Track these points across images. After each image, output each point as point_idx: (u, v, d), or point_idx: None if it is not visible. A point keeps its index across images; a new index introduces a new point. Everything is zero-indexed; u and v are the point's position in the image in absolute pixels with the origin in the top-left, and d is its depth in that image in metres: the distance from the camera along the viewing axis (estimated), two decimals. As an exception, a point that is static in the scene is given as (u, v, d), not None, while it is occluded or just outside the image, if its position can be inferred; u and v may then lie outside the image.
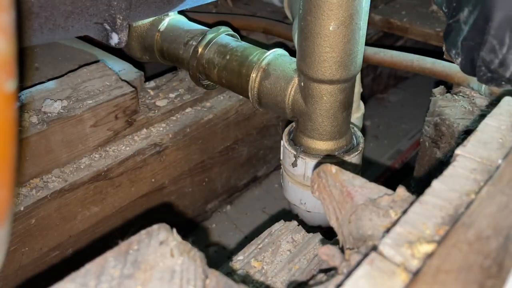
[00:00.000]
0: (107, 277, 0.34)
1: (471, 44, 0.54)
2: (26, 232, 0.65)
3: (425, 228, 0.35)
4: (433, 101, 0.80)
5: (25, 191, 0.65)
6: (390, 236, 0.34)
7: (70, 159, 0.71)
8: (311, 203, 0.74)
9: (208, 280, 0.36)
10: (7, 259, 0.64)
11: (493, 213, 0.34)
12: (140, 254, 0.36)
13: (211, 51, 0.76)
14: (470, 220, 0.34)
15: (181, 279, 0.35)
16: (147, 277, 0.35)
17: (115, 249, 0.36)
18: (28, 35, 0.49)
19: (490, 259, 0.31)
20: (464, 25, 0.54)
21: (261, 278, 0.47)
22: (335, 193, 0.46)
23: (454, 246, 0.32)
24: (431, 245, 0.32)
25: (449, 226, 0.34)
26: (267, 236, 0.53)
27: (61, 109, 0.69)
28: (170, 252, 0.37)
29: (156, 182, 0.83)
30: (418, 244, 0.33)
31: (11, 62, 0.33)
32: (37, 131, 0.65)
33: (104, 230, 0.78)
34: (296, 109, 0.70)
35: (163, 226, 0.39)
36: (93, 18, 0.54)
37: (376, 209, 0.40)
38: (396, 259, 0.32)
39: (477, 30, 0.53)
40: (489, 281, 0.29)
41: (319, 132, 0.70)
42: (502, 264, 0.30)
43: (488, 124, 0.46)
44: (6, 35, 0.32)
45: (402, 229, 0.34)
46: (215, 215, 1.02)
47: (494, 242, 0.32)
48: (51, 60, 0.80)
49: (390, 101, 1.46)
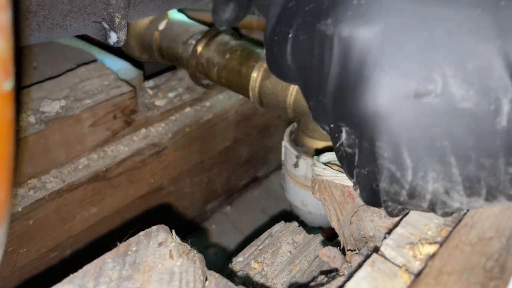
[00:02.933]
0: (105, 278, 0.34)
1: (364, 172, 0.37)
2: (24, 233, 0.65)
3: (427, 229, 0.34)
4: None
5: (23, 191, 0.65)
6: (391, 237, 0.34)
7: (68, 159, 0.71)
8: (313, 204, 0.74)
9: (208, 281, 0.35)
10: (5, 260, 0.64)
11: (496, 214, 0.34)
12: (139, 256, 0.36)
13: (211, 50, 0.76)
14: (472, 221, 0.34)
15: (180, 280, 0.34)
16: (146, 278, 0.34)
17: (113, 250, 0.36)
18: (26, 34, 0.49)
19: (492, 260, 0.30)
20: (350, 148, 0.37)
21: (261, 280, 0.47)
22: (336, 194, 0.45)
23: (456, 247, 0.32)
24: (433, 246, 0.32)
25: (451, 227, 0.34)
26: (267, 237, 0.53)
27: (59, 108, 0.68)
28: (169, 253, 0.36)
29: (155, 183, 0.83)
30: (419, 245, 0.32)
31: (9, 61, 0.33)
32: (35, 131, 0.64)
33: (102, 231, 0.78)
34: (298, 109, 0.69)
35: (162, 227, 0.39)
36: (91, 17, 0.54)
37: (377, 210, 0.40)
38: (398, 260, 0.32)
39: (366, 154, 0.36)
40: (492, 283, 0.29)
41: (320, 132, 0.69)
42: (504, 266, 0.30)
43: (490, 124, 0.45)
44: (4, 34, 0.31)
45: (403, 230, 0.34)
46: (214, 216, 1.02)
47: (497, 243, 0.32)
48: (49, 59, 0.80)
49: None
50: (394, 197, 0.34)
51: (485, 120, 0.31)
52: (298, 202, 0.76)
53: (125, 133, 0.77)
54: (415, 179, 0.33)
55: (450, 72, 0.32)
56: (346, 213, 0.43)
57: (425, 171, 0.33)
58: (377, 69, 0.33)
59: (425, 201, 0.34)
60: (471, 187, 0.32)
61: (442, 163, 0.32)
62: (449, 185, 0.33)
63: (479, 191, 0.32)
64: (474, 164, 0.32)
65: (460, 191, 0.33)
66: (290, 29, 0.42)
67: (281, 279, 0.47)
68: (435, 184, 0.33)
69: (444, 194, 0.33)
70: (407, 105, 0.32)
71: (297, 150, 0.71)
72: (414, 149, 0.33)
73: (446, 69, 0.32)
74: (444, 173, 0.33)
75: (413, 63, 0.32)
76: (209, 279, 0.36)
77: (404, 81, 0.32)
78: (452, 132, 0.32)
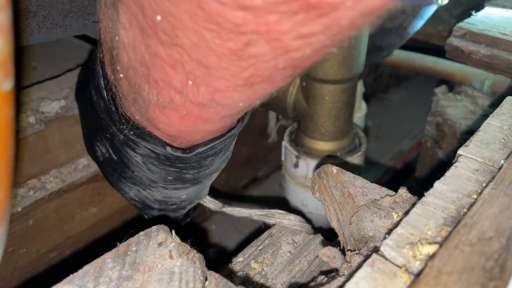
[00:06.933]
0: (105, 278, 0.34)
1: None
2: (23, 233, 0.65)
3: (426, 229, 0.34)
4: (435, 101, 0.80)
5: (23, 192, 0.65)
6: (391, 237, 0.34)
7: (68, 160, 0.70)
8: (313, 205, 0.74)
9: (208, 281, 0.35)
10: (4, 261, 0.63)
11: (496, 214, 0.34)
12: (139, 256, 0.36)
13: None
14: (472, 221, 0.34)
15: (180, 280, 0.34)
16: (146, 278, 0.34)
17: (113, 251, 0.36)
18: (26, 34, 0.49)
19: (492, 260, 0.30)
20: None
21: (261, 280, 0.47)
22: (336, 194, 0.45)
23: (456, 248, 0.32)
24: (433, 246, 0.32)
25: (451, 227, 0.34)
26: (267, 238, 0.53)
27: (59, 109, 0.68)
28: (169, 253, 0.36)
29: (156, 183, 0.83)
30: (419, 246, 0.32)
31: (8, 61, 0.33)
32: (35, 131, 0.64)
33: (102, 231, 0.77)
34: (298, 109, 0.69)
35: (162, 227, 0.39)
36: (91, 17, 0.54)
37: (377, 210, 0.40)
38: (398, 260, 0.32)
39: None
40: (492, 283, 0.29)
41: (321, 132, 0.69)
42: (504, 266, 0.30)
43: (490, 124, 0.45)
44: (3, 34, 0.31)
45: (403, 230, 0.34)
46: (214, 216, 1.02)
47: (497, 243, 0.32)
48: (48, 59, 0.80)
49: (391, 100, 1.46)
50: None
51: None
52: (298, 202, 0.76)
53: (125, 133, 0.77)
54: None
55: None
56: (346, 213, 0.43)
57: None
58: None
59: None
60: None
61: None
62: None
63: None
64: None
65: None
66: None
67: (281, 279, 0.47)
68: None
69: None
70: None
71: (297, 150, 0.71)
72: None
73: None
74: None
75: None
76: (209, 279, 0.36)
77: None
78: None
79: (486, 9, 0.81)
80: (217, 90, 0.31)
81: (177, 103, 0.34)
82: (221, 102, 0.33)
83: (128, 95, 0.38)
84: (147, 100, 0.36)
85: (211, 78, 0.30)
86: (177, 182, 0.49)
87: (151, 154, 0.45)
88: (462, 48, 0.72)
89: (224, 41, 0.27)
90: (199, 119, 0.36)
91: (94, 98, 0.46)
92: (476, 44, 0.72)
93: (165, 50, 0.30)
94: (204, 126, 0.39)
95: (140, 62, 0.33)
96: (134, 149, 0.45)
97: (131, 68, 0.34)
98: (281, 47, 0.27)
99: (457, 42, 0.73)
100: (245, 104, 0.34)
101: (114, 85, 0.40)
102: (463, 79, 0.79)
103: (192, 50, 0.29)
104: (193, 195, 0.55)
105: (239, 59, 0.28)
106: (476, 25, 0.74)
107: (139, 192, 0.52)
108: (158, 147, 0.43)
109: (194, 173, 0.48)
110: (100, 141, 0.50)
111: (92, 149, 0.53)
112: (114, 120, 0.44)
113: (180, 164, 0.45)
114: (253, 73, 0.29)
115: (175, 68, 0.31)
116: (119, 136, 0.45)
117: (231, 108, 0.35)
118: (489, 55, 0.70)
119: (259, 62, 0.28)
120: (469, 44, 0.72)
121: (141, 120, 0.41)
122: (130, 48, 0.32)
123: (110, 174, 0.53)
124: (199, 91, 0.32)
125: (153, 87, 0.34)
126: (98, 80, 0.44)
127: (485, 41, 0.71)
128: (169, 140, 0.43)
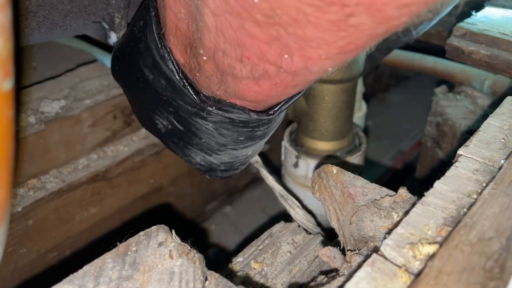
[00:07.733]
0: (105, 278, 0.34)
1: None
2: (23, 233, 0.65)
3: (427, 229, 0.34)
4: (435, 101, 0.80)
5: (23, 191, 0.65)
6: (391, 237, 0.34)
7: (68, 160, 0.70)
8: (313, 205, 0.74)
9: (208, 281, 0.35)
10: (4, 261, 0.63)
11: (496, 214, 0.34)
12: (139, 256, 0.36)
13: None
14: (472, 221, 0.34)
15: (180, 280, 0.34)
16: (146, 278, 0.34)
17: (113, 251, 0.36)
18: (26, 34, 0.49)
19: (492, 260, 0.30)
20: None
21: (261, 280, 0.47)
22: (336, 194, 0.45)
23: (456, 248, 0.31)
24: (433, 246, 0.32)
25: (451, 227, 0.34)
26: (267, 237, 0.53)
27: (59, 109, 0.68)
28: (169, 253, 0.36)
29: (155, 183, 0.83)
30: (419, 245, 0.32)
31: (8, 61, 0.33)
32: (35, 131, 0.64)
33: (102, 231, 0.78)
34: (298, 109, 0.69)
35: (162, 227, 0.39)
36: (91, 17, 0.54)
37: (377, 210, 0.40)
38: (398, 260, 0.32)
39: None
40: (492, 283, 0.29)
41: (321, 132, 0.69)
42: (504, 266, 0.30)
43: (490, 124, 0.45)
44: (3, 34, 0.31)
45: (403, 230, 0.34)
46: (214, 216, 1.02)
47: (497, 243, 0.32)
48: (48, 60, 0.80)
49: (391, 100, 1.46)
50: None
51: None
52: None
53: (125, 133, 0.77)
54: None
55: None
56: (346, 213, 0.43)
57: None
58: None
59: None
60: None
61: None
62: None
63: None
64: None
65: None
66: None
67: (281, 279, 0.47)
68: None
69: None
70: None
71: (297, 150, 0.71)
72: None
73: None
74: None
75: None
76: (209, 279, 0.36)
77: None
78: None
79: (486, 9, 0.81)
80: (311, 58, 0.32)
81: (271, 74, 0.35)
82: (313, 70, 0.34)
83: (213, 75, 0.39)
84: (238, 76, 0.37)
85: (306, 48, 0.31)
86: (247, 141, 0.51)
87: (225, 119, 0.46)
88: (462, 48, 0.72)
89: (325, 13, 0.27)
90: (289, 85, 0.38)
91: (150, 77, 0.47)
92: (476, 44, 0.72)
93: (261, 29, 0.30)
94: (293, 90, 0.40)
95: (231, 44, 0.33)
96: (206, 118, 0.46)
97: (219, 51, 0.35)
98: (382, 16, 0.27)
99: (457, 42, 0.73)
100: (333, 68, 0.35)
101: (192, 68, 0.41)
102: (463, 79, 0.79)
103: (289, 25, 0.29)
104: (258, 149, 0.57)
105: (338, 29, 0.28)
106: (476, 25, 0.74)
107: (204, 157, 0.54)
108: (242, 114, 0.45)
109: (264, 129, 0.50)
110: (161, 115, 0.51)
111: (150, 123, 0.54)
112: (183, 97, 0.45)
113: (254, 123, 0.47)
114: (349, 42, 0.30)
115: (269, 44, 0.31)
116: (188, 109, 0.46)
117: (320, 73, 0.36)
118: (489, 55, 0.70)
119: (357, 31, 0.29)
120: (469, 44, 0.72)
121: (223, 94, 0.42)
122: (219, 32, 0.33)
123: (174, 144, 0.54)
124: (293, 61, 0.33)
125: (246, 63, 0.35)
126: (158, 61, 0.45)
127: (485, 41, 0.71)
128: (251, 106, 0.44)
